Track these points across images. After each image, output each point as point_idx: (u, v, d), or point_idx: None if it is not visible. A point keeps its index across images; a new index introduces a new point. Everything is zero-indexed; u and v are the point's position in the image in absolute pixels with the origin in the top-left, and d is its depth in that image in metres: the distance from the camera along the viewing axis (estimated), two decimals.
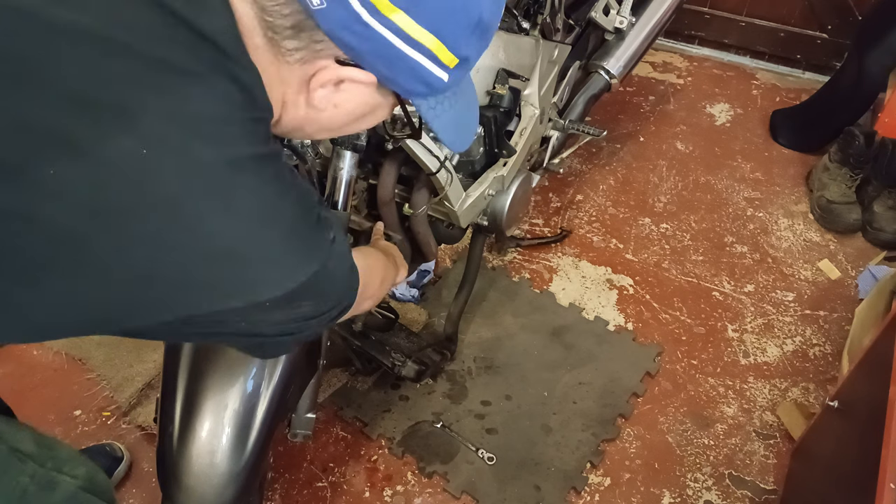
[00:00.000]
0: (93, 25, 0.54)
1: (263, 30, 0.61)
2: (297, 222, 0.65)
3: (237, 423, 0.99)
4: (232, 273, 0.61)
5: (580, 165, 2.25)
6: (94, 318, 0.61)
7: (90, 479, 0.90)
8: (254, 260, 0.62)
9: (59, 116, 0.52)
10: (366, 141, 1.04)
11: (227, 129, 0.58)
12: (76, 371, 1.64)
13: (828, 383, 1.65)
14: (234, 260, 0.61)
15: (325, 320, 0.76)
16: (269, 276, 0.63)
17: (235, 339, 0.73)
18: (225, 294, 0.62)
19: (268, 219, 0.62)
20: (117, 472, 1.43)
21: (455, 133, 0.77)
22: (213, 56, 0.57)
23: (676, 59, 2.72)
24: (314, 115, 0.69)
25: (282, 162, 0.65)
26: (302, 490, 1.45)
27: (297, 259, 0.65)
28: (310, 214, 0.68)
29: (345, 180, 1.08)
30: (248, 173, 0.59)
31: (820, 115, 2.26)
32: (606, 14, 1.82)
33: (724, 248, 1.99)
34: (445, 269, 1.91)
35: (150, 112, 0.54)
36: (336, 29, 0.60)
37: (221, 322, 0.66)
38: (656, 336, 1.76)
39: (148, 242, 0.56)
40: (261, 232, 0.61)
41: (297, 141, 1.01)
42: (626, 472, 1.49)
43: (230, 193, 0.58)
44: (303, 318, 0.72)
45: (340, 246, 0.73)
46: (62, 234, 0.54)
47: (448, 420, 1.56)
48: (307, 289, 0.67)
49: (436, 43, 0.63)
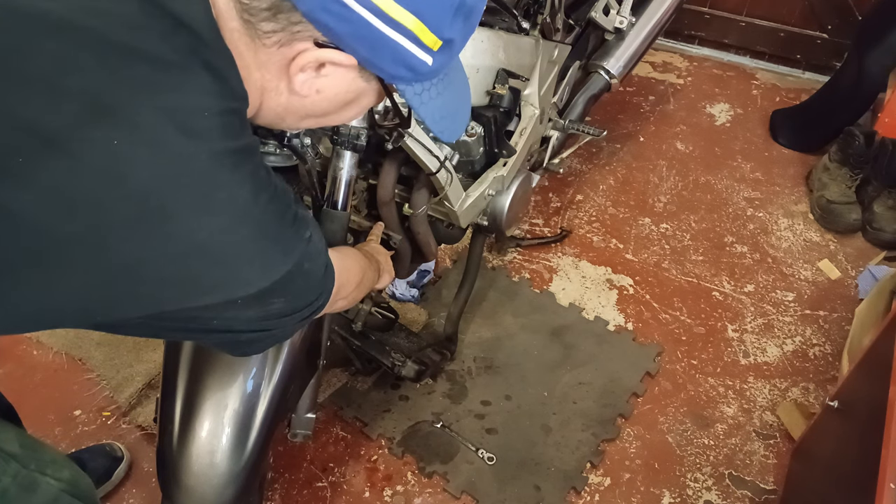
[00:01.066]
0: (67, 15, 0.53)
1: (239, 12, 0.61)
2: (272, 220, 0.65)
3: (237, 423, 0.99)
4: (205, 270, 0.61)
5: (580, 165, 2.25)
6: (68, 311, 0.61)
7: (73, 483, 0.90)
8: (227, 258, 0.61)
9: (33, 109, 0.52)
10: (366, 141, 1.04)
11: (202, 121, 0.57)
12: (76, 371, 1.64)
13: (828, 383, 1.65)
14: (207, 257, 0.60)
15: (298, 318, 0.76)
16: (241, 275, 0.63)
17: (208, 335, 0.73)
18: (197, 291, 0.62)
19: (242, 216, 0.61)
20: (117, 472, 1.42)
21: (444, 122, 0.75)
22: (189, 43, 0.56)
23: (676, 59, 2.72)
24: (297, 101, 0.68)
25: (257, 157, 0.64)
26: (302, 490, 1.45)
27: (271, 257, 0.65)
28: (286, 212, 0.67)
29: (345, 180, 1.08)
30: (222, 168, 0.59)
31: (820, 115, 2.26)
32: (606, 14, 1.82)
33: (724, 248, 1.99)
34: (445, 269, 1.91)
35: (123, 104, 0.54)
36: (314, 10, 0.60)
37: (193, 318, 0.66)
38: (656, 336, 1.76)
39: (121, 237, 0.55)
40: (235, 230, 0.61)
41: (296, 141, 1.01)
42: (626, 472, 1.49)
43: (204, 189, 0.58)
44: (276, 316, 0.71)
45: (316, 245, 0.73)
46: (38, 227, 0.54)
47: (448, 420, 1.56)
48: (280, 287, 0.67)
49: (417, 24, 0.62)
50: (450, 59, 0.69)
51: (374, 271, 1.07)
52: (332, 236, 1.08)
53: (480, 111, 1.26)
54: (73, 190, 0.53)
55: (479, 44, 1.21)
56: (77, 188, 0.53)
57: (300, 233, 0.69)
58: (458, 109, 0.79)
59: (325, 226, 1.07)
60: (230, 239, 0.61)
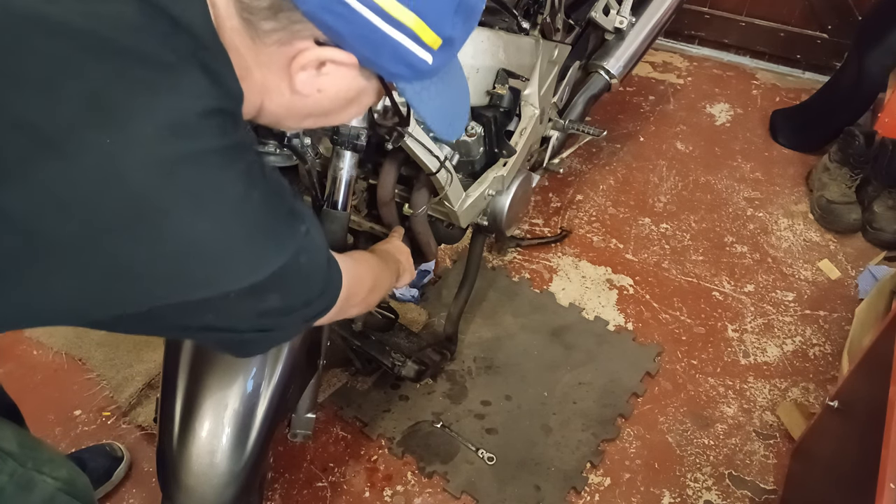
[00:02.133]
0: (66, 18, 0.54)
1: (239, 11, 0.61)
2: (266, 214, 0.64)
3: (237, 423, 0.99)
4: (197, 266, 0.61)
5: (580, 165, 2.25)
6: (62, 310, 0.61)
7: (71, 482, 0.90)
8: (219, 252, 0.61)
9: (31, 110, 0.52)
10: (366, 141, 1.04)
11: (195, 121, 0.57)
12: (76, 371, 1.64)
13: (828, 383, 1.65)
14: (199, 253, 0.60)
15: (299, 319, 0.75)
16: (234, 268, 0.63)
17: (206, 333, 0.72)
18: (190, 286, 0.62)
19: (234, 212, 0.61)
20: (117, 473, 1.42)
21: (444, 121, 0.75)
22: (187, 44, 0.57)
23: (676, 59, 2.72)
24: (299, 101, 0.69)
25: (250, 152, 0.64)
26: (302, 490, 1.45)
27: (264, 251, 0.64)
28: (280, 206, 0.66)
29: (345, 180, 1.08)
30: (214, 167, 0.59)
31: (820, 115, 2.26)
32: (606, 14, 1.82)
33: (724, 248, 1.99)
34: (445, 269, 1.91)
35: (117, 105, 0.54)
36: (315, 9, 0.60)
37: (190, 314, 0.65)
38: (656, 336, 1.76)
39: (114, 237, 0.56)
40: (227, 224, 0.61)
41: (296, 141, 1.01)
42: (626, 472, 1.49)
43: (196, 187, 0.58)
44: (274, 314, 0.71)
45: (315, 240, 0.72)
46: (32, 227, 0.54)
47: (448, 420, 1.56)
48: (275, 282, 0.66)
49: (417, 22, 0.62)
50: (450, 58, 0.70)
51: (392, 273, 1.07)
52: (332, 236, 1.08)
53: (480, 111, 1.26)
54: (67, 191, 0.54)
55: (479, 44, 1.21)
56: (71, 189, 0.54)
57: (295, 227, 0.68)
58: (458, 108, 0.79)
59: (325, 226, 1.07)
60: (222, 235, 0.61)
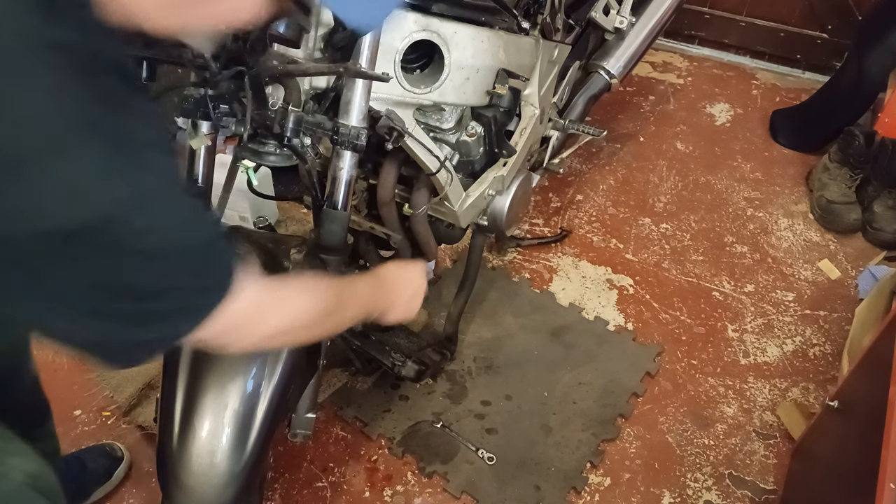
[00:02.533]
0: None
1: None
2: (95, 124, 0.53)
3: (237, 423, 0.99)
4: (12, 176, 0.50)
5: (580, 165, 2.25)
6: None
7: (38, 478, 0.86)
8: (36, 162, 0.50)
9: None
10: (366, 141, 1.04)
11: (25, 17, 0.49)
12: (76, 371, 1.64)
13: (828, 383, 1.65)
14: (15, 159, 0.50)
15: (141, 314, 0.62)
16: (55, 191, 0.51)
17: (67, 326, 0.62)
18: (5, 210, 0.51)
19: (61, 113, 0.51)
20: (117, 473, 1.43)
21: (356, 3, 0.62)
22: None
23: (676, 59, 2.72)
24: None
25: (96, 50, 0.54)
26: (302, 490, 1.45)
27: (97, 168, 0.52)
28: (117, 114, 0.54)
29: (345, 180, 1.07)
30: (44, 64, 0.50)
31: (820, 115, 2.26)
32: (606, 14, 1.82)
33: (724, 248, 1.99)
34: (445, 269, 1.91)
35: None
36: None
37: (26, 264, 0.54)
38: (656, 336, 1.76)
39: None
40: (51, 122, 0.51)
41: (296, 141, 1.01)
42: (626, 472, 1.49)
43: (28, 71, 0.50)
44: (107, 291, 0.58)
45: (168, 191, 0.59)
46: None
47: (448, 420, 1.56)
48: (100, 229, 0.53)
49: None
50: None
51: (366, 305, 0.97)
52: (332, 236, 1.08)
53: (480, 111, 1.26)
54: None
55: (479, 44, 1.21)
56: None
57: (146, 161, 0.55)
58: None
59: (326, 226, 1.07)
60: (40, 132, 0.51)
